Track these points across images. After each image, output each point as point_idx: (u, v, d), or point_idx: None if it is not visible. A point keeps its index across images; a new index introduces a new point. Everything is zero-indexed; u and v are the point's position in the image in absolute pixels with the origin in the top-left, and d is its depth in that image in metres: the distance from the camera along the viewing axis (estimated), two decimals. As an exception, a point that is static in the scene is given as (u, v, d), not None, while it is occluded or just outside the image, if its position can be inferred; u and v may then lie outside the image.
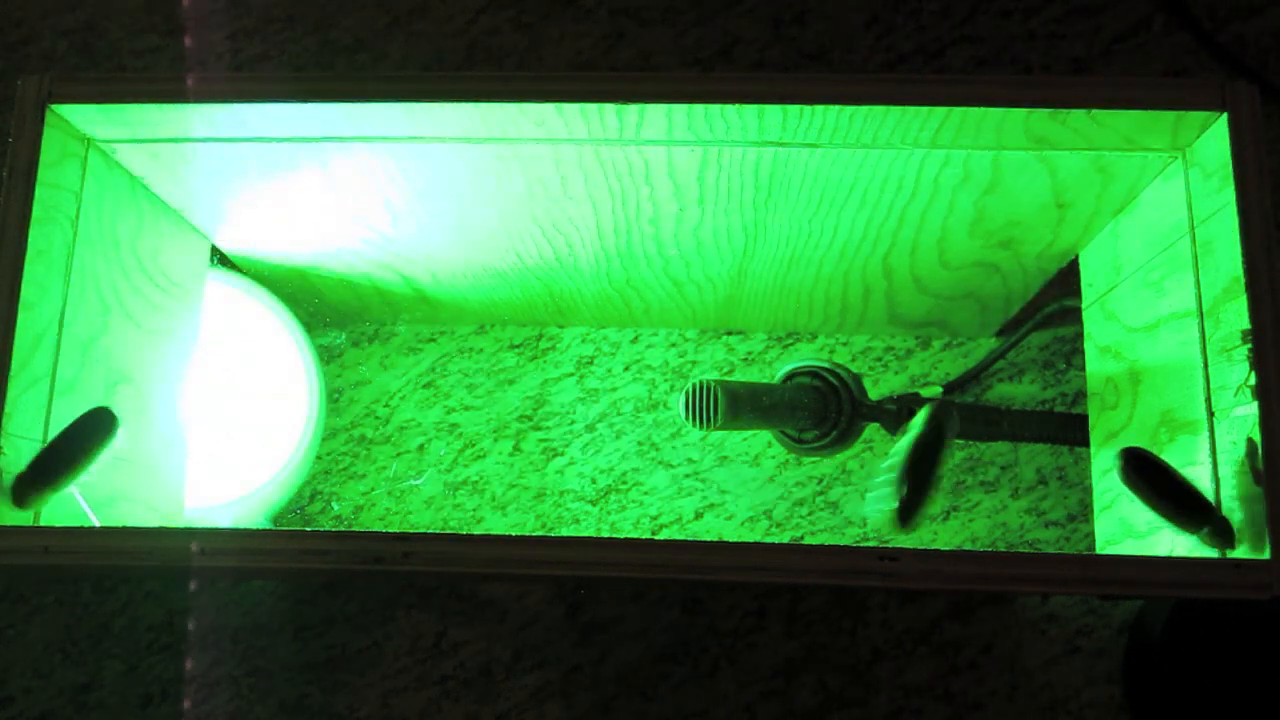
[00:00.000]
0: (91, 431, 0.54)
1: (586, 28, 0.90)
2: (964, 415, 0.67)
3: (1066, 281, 0.71)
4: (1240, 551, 0.50)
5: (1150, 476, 0.51)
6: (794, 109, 0.52)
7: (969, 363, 0.82)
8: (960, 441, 0.81)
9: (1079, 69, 0.87)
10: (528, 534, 0.79)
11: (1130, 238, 0.62)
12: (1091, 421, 0.67)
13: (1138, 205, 0.61)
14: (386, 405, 0.85)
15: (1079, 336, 0.82)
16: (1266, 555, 0.47)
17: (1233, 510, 0.51)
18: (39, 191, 0.55)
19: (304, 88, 0.54)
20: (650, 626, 0.78)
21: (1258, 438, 0.49)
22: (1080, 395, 0.81)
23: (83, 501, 0.58)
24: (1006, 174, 0.58)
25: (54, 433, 0.56)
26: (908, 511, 0.53)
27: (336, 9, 0.92)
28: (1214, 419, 0.53)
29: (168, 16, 0.93)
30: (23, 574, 0.81)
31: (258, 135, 0.57)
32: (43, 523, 0.56)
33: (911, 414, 0.65)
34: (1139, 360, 0.60)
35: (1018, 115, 0.52)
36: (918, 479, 0.53)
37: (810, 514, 0.81)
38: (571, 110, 0.53)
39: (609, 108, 0.53)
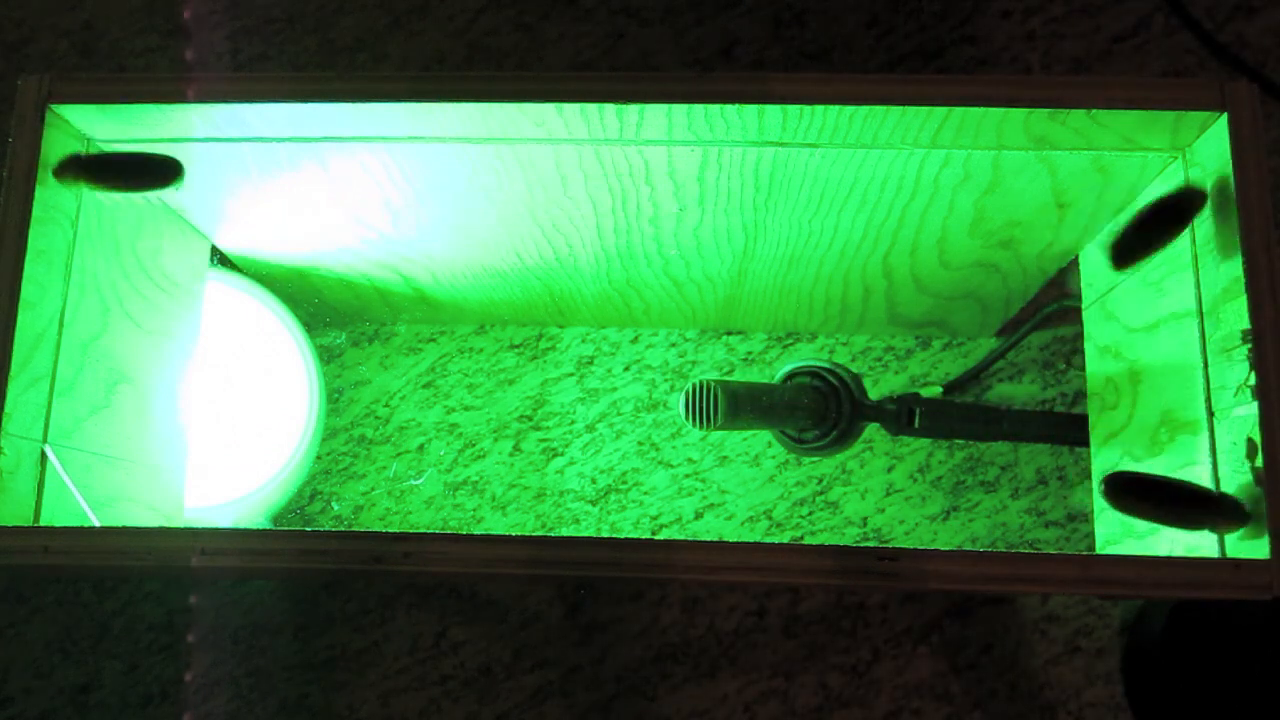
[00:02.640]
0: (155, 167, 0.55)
1: (586, 28, 0.90)
2: (964, 415, 0.67)
3: (1067, 282, 0.71)
4: (1240, 551, 0.50)
5: (1142, 495, 0.51)
6: (794, 109, 0.52)
7: (969, 363, 0.82)
8: (960, 441, 0.81)
9: (1079, 69, 0.87)
10: (528, 534, 0.79)
11: (1130, 238, 0.62)
12: (1091, 421, 0.67)
13: (1138, 205, 0.61)
14: (386, 405, 0.85)
15: (1079, 336, 0.82)
16: (1266, 555, 0.47)
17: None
18: (39, 191, 0.55)
19: (304, 88, 0.54)
20: (650, 626, 0.78)
21: (1258, 438, 0.48)
22: (1080, 395, 0.81)
23: (83, 501, 0.58)
24: (1006, 174, 0.58)
25: (54, 433, 0.57)
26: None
27: (336, 9, 0.92)
28: (1214, 419, 0.53)
29: (168, 16, 0.93)
30: (23, 574, 0.81)
31: (258, 135, 0.57)
32: (43, 523, 0.56)
33: (911, 414, 0.65)
34: (1139, 360, 0.60)
35: (1018, 115, 0.52)
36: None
37: (810, 514, 0.81)
38: (571, 110, 0.53)
39: (609, 108, 0.53)
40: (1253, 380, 0.49)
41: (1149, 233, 0.55)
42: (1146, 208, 0.56)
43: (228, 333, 0.75)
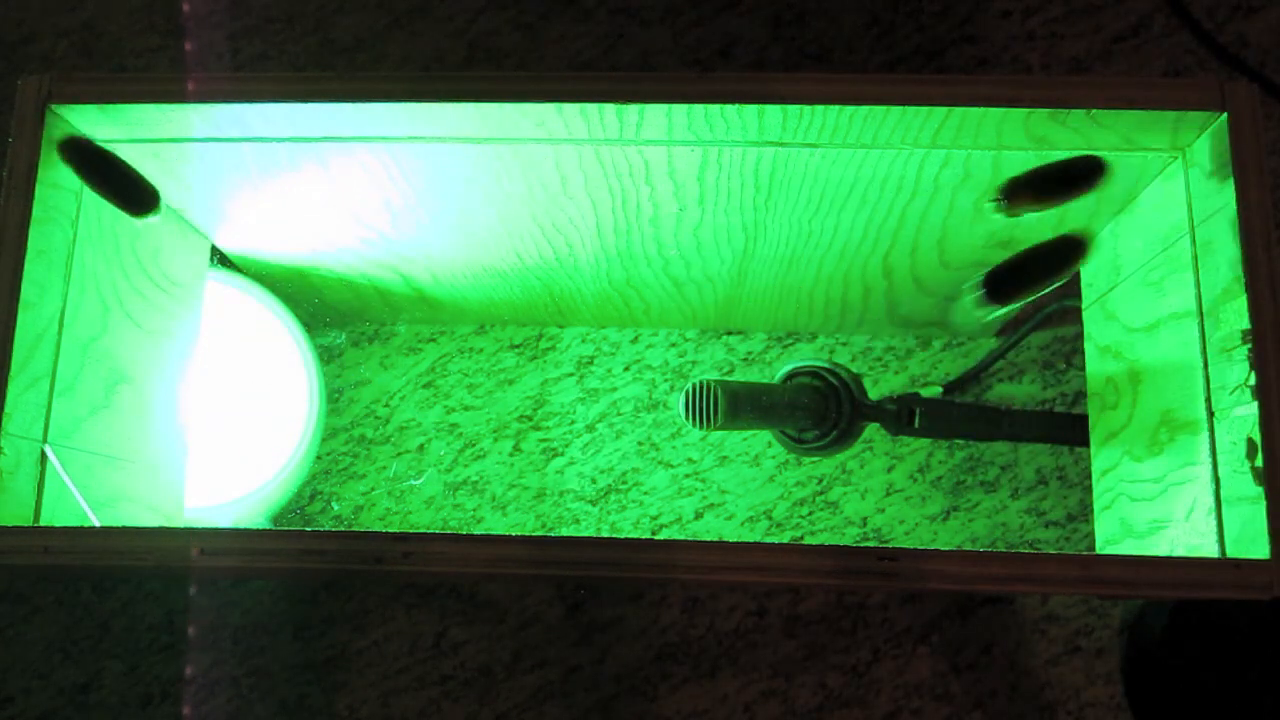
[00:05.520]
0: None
1: (586, 28, 0.90)
2: (964, 415, 0.67)
3: (1066, 282, 0.71)
4: (1240, 551, 0.50)
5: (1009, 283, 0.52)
6: (794, 109, 0.52)
7: (969, 363, 0.82)
8: (960, 441, 0.81)
9: (1079, 69, 0.87)
10: (528, 534, 0.79)
11: (1130, 238, 0.62)
12: (1091, 421, 0.67)
13: (1138, 205, 0.61)
14: (386, 405, 0.85)
15: (1079, 336, 0.82)
16: (1266, 555, 0.47)
17: (1232, 510, 0.51)
18: (39, 191, 0.55)
19: (304, 88, 0.54)
20: (650, 626, 0.78)
21: (1258, 438, 0.49)
22: (1080, 395, 0.81)
23: (83, 501, 0.58)
24: (1006, 174, 0.58)
25: (54, 433, 0.57)
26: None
27: (336, 9, 0.92)
28: (1214, 419, 0.53)
29: (168, 16, 0.93)
30: (23, 574, 0.81)
31: (258, 135, 0.57)
32: (43, 523, 0.56)
33: (911, 414, 0.65)
34: (1139, 360, 0.60)
35: (1018, 115, 0.52)
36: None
37: (810, 514, 0.81)
38: (571, 110, 0.53)
39: (609, 108, 0.53)
40: (1253, 380, 0.49)
41: (1031, 274, 0.56)
42: (1030, 250, 0.57)
43: (228, 333, 0.75)
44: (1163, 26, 0.87)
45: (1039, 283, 0.55)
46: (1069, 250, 0.53)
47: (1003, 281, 0.55)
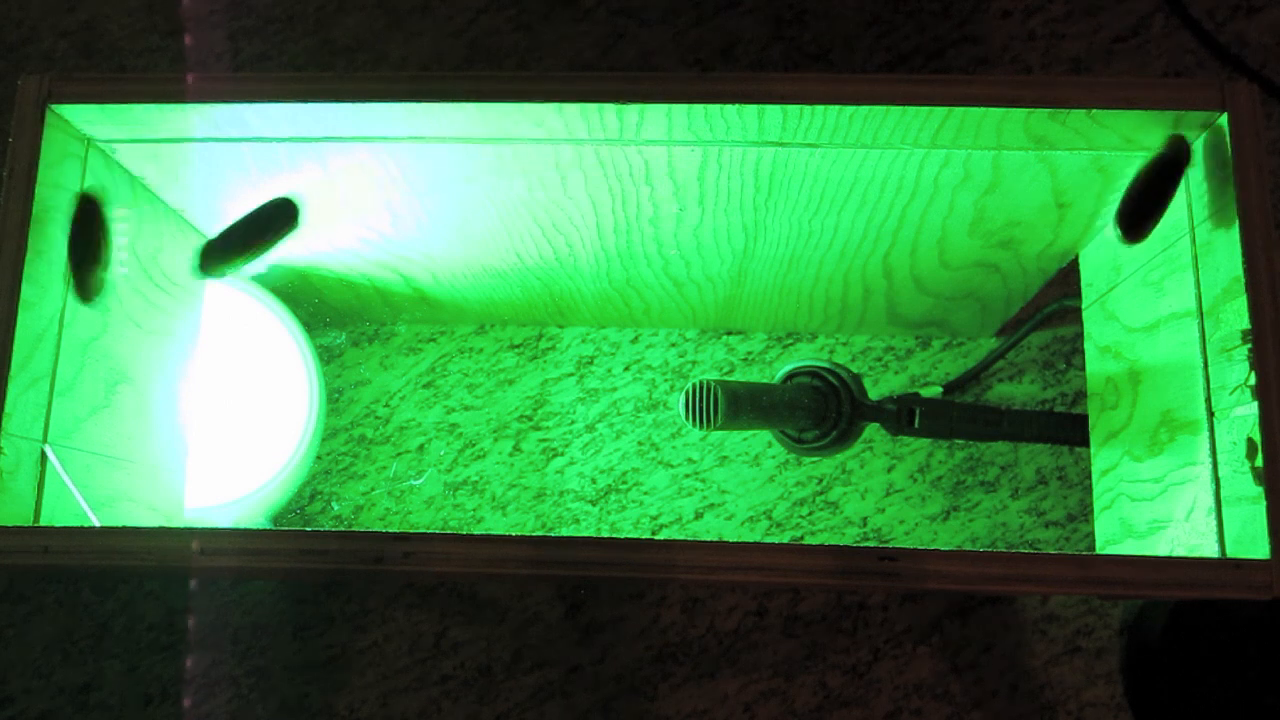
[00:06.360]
0: (275, 216, 0.58)
1: (586, 28, 0.90)
2: (964, 415, 0.67)
3: (1066, 281, 0.71)
4: (1240, 551, 0.50)
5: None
6: (794, 109, 0.52)
7: (969, 363, 0.82)
8: (960, 441, 0.81)
9: (1079, 69, 0.87)
10: (528, 534, 0.79)
11: (1130, 238, 0.62)
12: (1091, 421, 0.67)
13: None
14: (386, 405, 0.85)
15: (1079, 336, 0.82)
16: (1266, 555, 0.47)
17: (1232, 510, 0.51)
18: (39, 191, 0.55)
19: (304, 88, 0.54)
20: (650, 626, 0.78)
21: (1258, 438, 0.49)
22: (1080, 395, 0.81)
23: (83, 501, 0.58)
24: (1006, 174, 0.58)
25: (54, 433, 0.57)
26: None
27: (336, 9, 0.92)
28: (1214, 419, 0.53)
29: (168, 16, 0.93)
30: (23, 574, 0.81)
31: (258, 135, 0.57)
32: (43, 523, 0.56)
33: (911, 414, 0.65)
34: (1139, 360, 0.60)
35: (1018, 115, 0.52)
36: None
37: (810, 514, 0.81)
38: (571, 110, 0.53)
39: (609, 108, 0.53)
40: (1253, 380, 0.49)
41: (1153, 193, 0.56)
42: (1143, 171, 0.56)
43: (228, 333, 0.75)
44: (1163, 26, 0.87)
45: (1165, 200, 0.55)
46: (1177, 159, 0.54)
47: (1135, 214, 0.56)
